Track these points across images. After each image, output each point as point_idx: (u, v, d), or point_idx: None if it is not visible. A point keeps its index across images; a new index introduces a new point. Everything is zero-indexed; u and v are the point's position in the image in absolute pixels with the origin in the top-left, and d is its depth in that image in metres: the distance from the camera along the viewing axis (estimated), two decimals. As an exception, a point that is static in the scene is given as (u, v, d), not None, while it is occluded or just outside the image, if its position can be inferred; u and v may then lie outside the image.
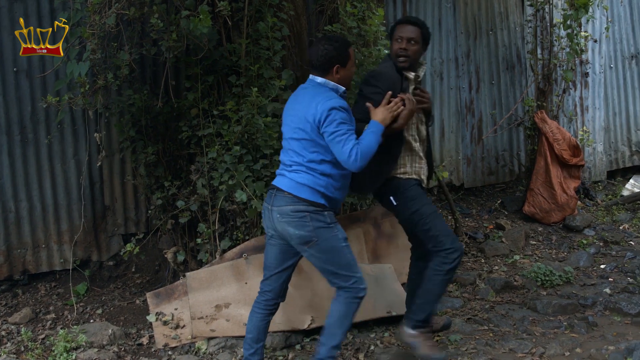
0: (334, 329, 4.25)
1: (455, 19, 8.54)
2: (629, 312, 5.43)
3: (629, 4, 9.91)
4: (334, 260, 4.17)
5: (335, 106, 4.03)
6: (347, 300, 4.22)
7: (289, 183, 4.13)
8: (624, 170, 9.99)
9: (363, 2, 5.94)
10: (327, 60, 4.15)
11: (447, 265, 4.45)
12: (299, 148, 4.15)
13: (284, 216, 4.10)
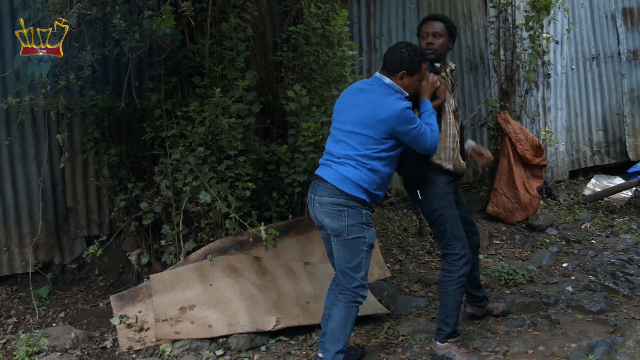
0: (336, 334, 4.37)
1: (419, 20, 8.57)
2: (591, 309, 5.49)
3: (590, 6, 10.04)
4: (349, 259, 4.32)
5: (407, 106, 4.24)
6: (347, 305, 4.37)
7: (334, 175, 4.29)
8: (585, 170, 10.12)
9: (327, 3, 5.94)
10: (398, 63, 4.31)
11: (455, 273, 4.65)
12: (355, 142, 4.28)
13: (323, 206, 4.30)
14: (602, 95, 10.17)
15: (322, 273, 5.58)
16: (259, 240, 5.18)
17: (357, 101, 4.37)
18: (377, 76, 4.42)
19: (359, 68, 7.99)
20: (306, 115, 5.44)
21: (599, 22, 10.14)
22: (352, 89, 4.54)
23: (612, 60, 10.26)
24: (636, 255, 6.98)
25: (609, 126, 10.23)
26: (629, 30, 10.36)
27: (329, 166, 4.36)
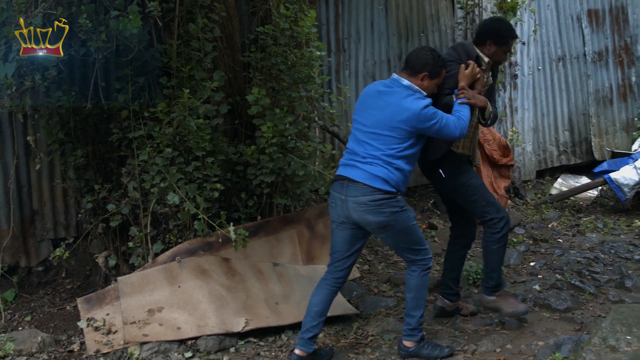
0: (418, 300, 4.67)
1: (388, 20, 8.61)
2: (558, 307, 5.55)
3: (556, 7, 10.15)
4: (408, 238, 4.57)
5: (426, 104, 4.43)
6: (421, 273, 4.64)
7: (363, 174, 4.43)
8: (552, 170, 10.23)
9: (295, 4, 5.94)
10: (422, 65, 4.52)
11: (497, 234, 4.98)
12: (379, 143, 4.45)
13: (362, 205, 4.42)
14: (568, 95, 10.29)
15: (291, 274, 5.58)
16: (227, 242, 5.16)
17: (377, 103, 4.53)
18: (395, 77, 4.60)
19: (327, 69, 7.99)
20: (273, 116, 5.43)
21: (565, 23, 10.26)
22: (371, 91, 4.67)
23: (577, 61, 10.39)
24: (602, 254, 7.07)
25: (575, 126, 10.35)
26: (594, 31, 10.49)
27: (354, 167, 4.50)
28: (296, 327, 5.20)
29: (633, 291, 5.91)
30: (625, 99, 10.71)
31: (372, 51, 8.49)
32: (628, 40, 10.73)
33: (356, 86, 8.41)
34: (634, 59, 10.77)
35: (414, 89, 4.51)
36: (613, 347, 3.82)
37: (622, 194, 8.65)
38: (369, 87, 4.73)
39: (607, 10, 10.59)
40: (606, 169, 9.07)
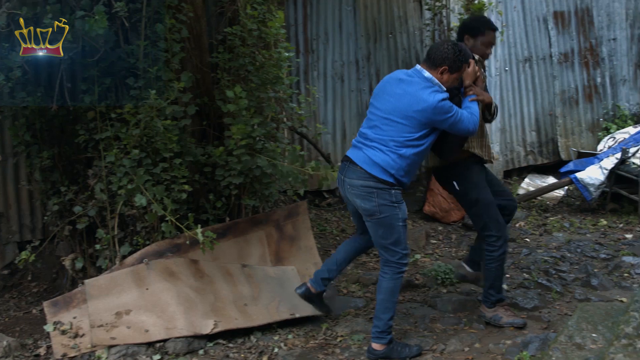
0: (387, 303, 4.71)
1: (356, 22, 8.64)
2: (525, 306, 5.60)
3: (522, 9, 10.24)
4: (389, 235, 4.61)
5: (443, 98, 4.50)
6: (393, 276, 4.69)
7: (363, 158, 4.57)
8: (519, 170, 10.32)
9: (263, 5, 5.92)
10: (442, 58, 4.57)
11: (494, 253, 5.08)
12: (390, 129, 4.54)
13: (353, 188, 4.59)
14: (534, 96, 10.38)
15: (259, 275, 5.56)
16: (196, 243, 5.13)
17: (396, 90, 4.61)
18: (417, 69, 4.67)
19: (295, 70, 8.01)
20: (242, 117, 5.41)
21: (532, 25, 10.35)
22: (392, 78, 4.75)
23: (544, 62, 10.49)
24: (568, 253, 7.15)
25: (542, 127, 10.45)
26: (560, 33, 10.60)
27: (360, 149, 4.63)
28: (265, 328, 5.21)
29: (599, 289, 5.99)
30: (590, 99, 10.83)
31: (341, 52, 8.51)
32: (593, 41, 10.86)
33: (324, 87, 8.43)
34: (599, 60, 10.91)
35: (434, 82, 4.59)
36: (579, 345, 3.86)
37: (588, 193, 8.75)
38: (391, 74, 4.84)
39: (572, 12, 10.70)
40: (572, 169, 9.17)
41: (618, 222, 8.42)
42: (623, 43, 11.01)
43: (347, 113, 8.63)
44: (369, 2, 8.73)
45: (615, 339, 3.40)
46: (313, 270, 6.02)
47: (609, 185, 8.77)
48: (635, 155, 8.61)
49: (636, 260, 6.69)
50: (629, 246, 7.33)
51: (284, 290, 5.54)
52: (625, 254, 7.00)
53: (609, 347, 3.37)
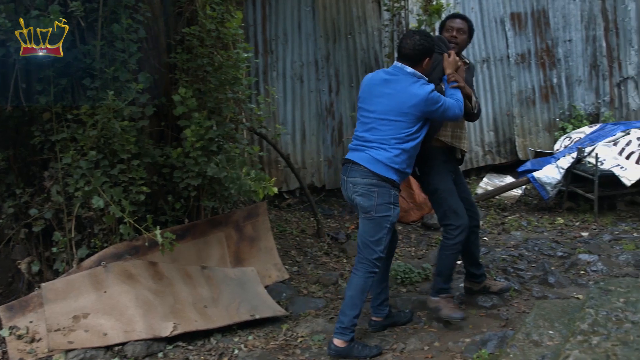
0: (355, 300, 4.76)
1: (315, 22, 8.65)
2: (484, 305, 5.65)
3: (480, 10, 10.35)
4: (373, 233, 4.74)
5: (432, 89, 4.68)
6: (365, 274, 4.77)
7: (366, 157, 4.69)
8: (478, 169, 10.42)
9: (222, 5, 5.89)
10: (421, 52, 4.73)
11: (450, 240, 5.17)
12: (389, 128, 4.68)
13: (356, 187, 4.72)
14: (492, 96, 10.49)
15: (219, 277, 5.54)
16: (154, 245, 5.09)
17: (385, 91, 4.75)
18: (398, 66, 4.81)
19: (254, 70, 7.99)
20: (195, 119, 5.36)
21: (489, 26, 10.46)
22: (375, 80, 4.87)
23: (501, 63, 10.60)
24: (526, 251, 7.23)
25: (500, 127, 10.56)
26: (517, 34, 10.72)
27: (362, 151, 4.74)
28: (225, 330, 5.19)
29: (556, 287, 6.07)
30: (547, 99, 10.97)
31: (300, 53, 8.51)
32: (549, 42, 11.00)
33: (284, 87, 8.43)
34: (555, 61, 11.05)
35: (418, 76, 4.75)
36: (536, 342, 3.90)
37: (545, 192, 8.87)
38: (373, 76, 4.94)
39: (529, 13, 10.83)
40: (530, 169, 9.28)
41: (574, 221, 8.54)
42: (578, 44, 11.17)
43: (306, 113, 8.63)
44: (327, 3, 8.75)
45: (571, 336, 3.44)
46: (273, 272, 6.03)
47: (565, 184, 8.89)
48: (590, 154, 8.74)
49: (592, 257, 6.79)
50: (585, 244, 7.44)
51: (244, 291, 5.52)
52: (581, 251, 7.10)
53: (565, 343, 3.41)
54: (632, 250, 7.01)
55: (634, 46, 11.41)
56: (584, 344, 3.28)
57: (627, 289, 4.01)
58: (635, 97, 11.45)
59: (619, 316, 3.58)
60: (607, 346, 3.23)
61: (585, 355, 3.16)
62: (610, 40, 11.35)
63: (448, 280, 5.31)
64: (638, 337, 3.27)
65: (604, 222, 8.42)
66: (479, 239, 5.67)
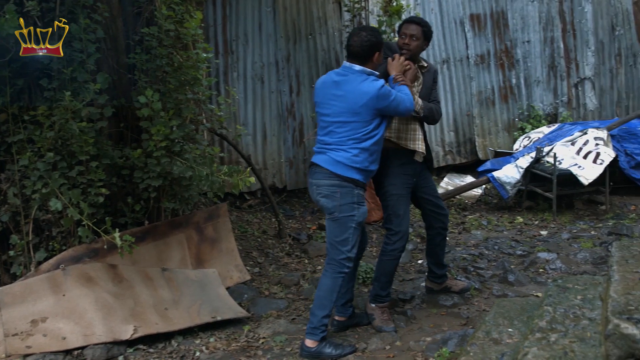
0: (323, 300, 4.78)
1: (275, 23, 8.64)
2: (445, 304, 5.69)
3: (440, 11, 10.43)
4: (338, 233, 4.75)
5: (382, 84, 4.68)
6: (334, 275, 4.78)
7: (327, 159, 4.72)
8: (438, 169, 10.49)
9: (181, 5, 5.85)
10: (370, 48, 4.71)
11: (388, 246, 5.22)
12: (346, 130, 4.69)
13: (320, 188, 4.74)
14: (452, 97, 10.58)
15: (180, 279, 5.50)
16: (114, 248, 5.03)
17: (337, 93, 4.74)
18: (347, 65, 4.79)
19: (214, 71, 7.96)
20: (160, 119, 5.33)
21: (449, 27, 10.54)
22: (326, 83, 4.87)
23: (461, 63, 10.69)
24: (486, 250, 7.30)
25: (460, 127, 10.65)
26: (477, 35, 10.82)
27: (323, 153, 4.77)
28: (186, 332, 5.15)
29: (515, 285, 6.13)
30: (506, 100, 11.09)
31: (260, 53, 8.50)
32: (508, 43, 11.12)
33: (244, 88, 8.40)
34: (514, 61, 11.17)
35: (367, 72, 4.74)
36: (496, 340, 3.94)
37: (504, 191, 8.96)
38: (324, 79, 4.93)
39: (488, 14, 10.94)
40: (489, 168, 9.38)
41: (534, 220, 8.65)
42: (537, 45, 11.31)
43: (267, 114, 8.61)
44: (288, 4, 8.74)
45: (530, 333, 3.47)
46: (235, 273, 6.01)
47: (524, 184, 9.00)
48: (549, 154, 8.85)
49: (551, 256, 6.88)
50: (544, 242, 7.53)
51: (205, 293, 5.49)
52: (540, 250, 7.20)
53: (524, 341, 3.44)
54: (589, 248, 7.12)
55: (591, 47, 11.60)
56: (542, 341, 3.32)
57: (585, 287, 4.06)
58: (592, 98, 11.63)
59: (577, 313, 3.63)
60: (565, 343, 3.27)
61: (543, 352, 3.19)
62: (567, 41, 11.52)
63: (386, 286, 5.32)
64: (595, 334, 3.32)
65: (562, 221, 8.53)
66: (445, 241, 5.70)
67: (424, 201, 5.47)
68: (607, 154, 8.71)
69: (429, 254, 5.71)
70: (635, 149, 9.43)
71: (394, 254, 5.22)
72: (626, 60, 12.10)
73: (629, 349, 2.83)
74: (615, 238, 7.49)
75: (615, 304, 3.10)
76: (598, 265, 6.61)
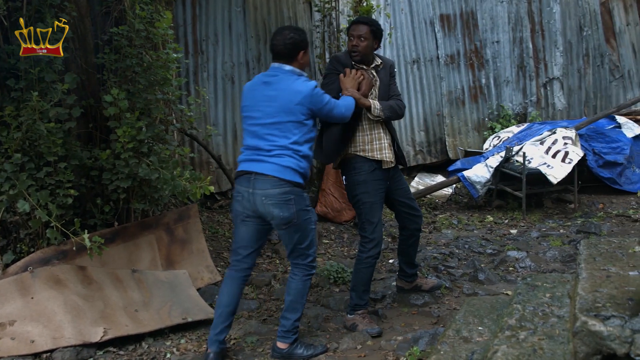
0: (295, 304, 4.73)
1: (246, 23, 8.61)
2: (416, 303, 5.72)
3: (410, 12, 10.46)
4: (302, 239, 4.64)
5: (315, 85, 4.60)
6: (303, 277, 4.74)
7: (272, 167, 4.49)
8: (409, 169, 10.51)
9: (151, 5, 5.81)
10: (294, 46, 4.62)
11: (363, 254, 5.22)
12: (283, 131, 4.53)
13: (270, 198, 4.48)
14: (423, 97, 10.62)
15: (150, 280, 5.47)
16: (83, 249, 4.99)
17: (268, 94, 4.60)
18: (275, 66, 4.68)
19: (184, 71, 7.91)
20: (126, 120, 5.29)
21: (419, 27, 10.59)
22: (256, 85, 4.72)
23: (431, 63, 10.74)
24: (457, 249, 7.34)
25: (430, 127, 10.69)
26: (447, 35, 10.87)
27: (263, 161, 4.53)
28: (157, 334, 5.12)
29: (485, 284, 6.18)
30: (476, 100, 11.16)
31: (231, 53, 8.47)
32: (478, 44, 11.19)
33: (215, 88, 8.37)
34: (484, 62, 11.25)
35: (297, 72, 4.65)
36: (466, 338, 3.96)
37: (474, 191, 9.02)
38: (253, 82, 4.80)
39: (458, 15, 11.00)
40: (460, 168, 9.44)
41: (503, 218, 8.72)
42: (506, 45, 11.40)
43: (237, 114, 8.57)
44: (258, 3, 8.73)
45: (499, 331, 3.49)
46: (206, 274, 5.99)
47: (494, 183, 9.07)
48: (518, 153, 8.93)
49: (520, 254, 6.94)
50: (514, 241, 7.60)
51: (175, 294, 5.46)
52: (510, 248, 7.26)
53: (493, 339, 3.47)
54: (558, 247, 7.19)
55: (559, 47, 11.72)
56: (511, 338, 3.34)
57: (553, 284, 4.10)
58: (561, 97, 11.75)
59: (545, 311, 3.65)
60: (534, 340, 3.29)
61: (513, 350, 3.21)
62: (536, 41, 11.63)
63: (363, 295, 5.29)
64: (563, 331, 3.34)
65: (531, 220, 8.61)
66: (418, 242, 5.72)
67: (397, 203, 5.46)
68: (576, 153, 8.80)
69: (401, 253, 5.71)
70: (603, 148, 9.56)
71: (369, 261, 5.21)
72: (594, 60, 12.25)
73: (597, 345, 2.86)
74: (583, 236, 7.58)
75: (583, 301, 3.13)
76: (567, 263, 6.68)
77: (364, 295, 5.28)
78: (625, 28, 12.61)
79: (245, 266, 4.78)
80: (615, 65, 12.52)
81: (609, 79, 12.47)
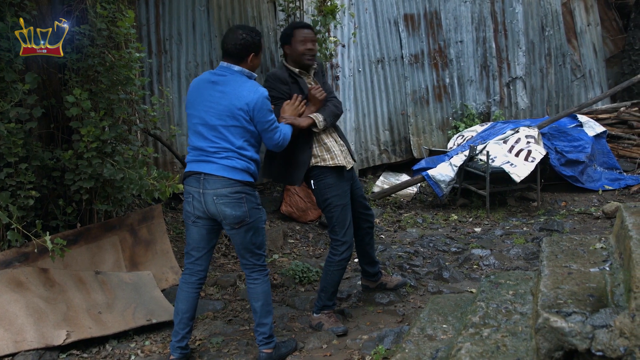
0: (267, 307, 4.69)
1: (210, 22, 8.57)
2: (381, 301, 5.74)
3: (374, 11, 10.48)
4: (254, 239, 4.57)
5: (265, 95, 4.46)
6: (264, 279, 4.69)
7: (220, 168, 4.40)
8: (374, 168, 10.55)
9: (113, 4, 5.75)
10: (245, 48, 4.48)
11: (335, 257, 5.19)
12: (227, 135, 4.41)
13: (222, 197, 4.40)
14: (387, 96, 10.65)
15: (114, 282, 5.42)
16: (45, 251, 4.94)
17: (214, 95, 4.47)
18: (224, 65, 4.54)
19: (148, 70, 7.85)
20: (90, 119, 5.23)
21: (383, 27, 10.61)
22: (201, 83, 4.58)
23: (395, 63, 10.77)
24: (422, 248, 7.38)
25: (395, 126, 10.73)
26: (411, 35, 10.91)
27: (211, 162, 4.43)
28: (121, 336, 5.08)
29: (450, 282, 6.23)
30: (440, 99, 11.22)
31: (195, 53, 8.42)
32: (442, 43, 11.25)
33: (179, 88, 8.32)
34: (448, 61, 11.31)
35: (246, 74, 4.52)
36: (430, 336, 3.98)
37: (439, 189, 9.08)
38: (199, 80, 4.64)
39: (422, 15, 11.05)
40: (424, 167, 9.49)
41: (468, 217, 8.79)
42: (469, 45, 11.48)
43: (202, 114, 8.53)
44: (222, 3, 8.68)
45: (463, 329, 3.52)
46: (170, 275, 5.95)
47: (458, 182, 9.14)
48: (482, 152, 9.00)
49: (484, 252, 7.01)
50: (478, 239, 7.66)
51: (139, 296, 5.42)
52: (474, 246, 7.32)
53: (457, 336, 3.49)
54: (522, 244, 7.27)
55: (522, 47, 11.84)
56: (475, 336, 3.37)
57: (516, 282, 4.14)
58: (524, 97, 11.87)
59: (509, 308, 3.69)
60: (498, 337, 3.32)
61: (476, 347, 3.24)
62: (499, 41, 11.73)
63: (332, 297, 5.31)
64: (526, 328, 3.38)
65: (495, 218, 8.69)
66: (373, 239, 5.73)
67: (355, 203, 5.43)
68: (538, 151, 8.90)
69: (360, 254, 5.72)
70: (565, 146, 9.68)
71: (341, 264, 5.20)
72: (556, 60, 12.40)
73: (558, 341, 2.89)
74: (546, 234, 7.67)
75: (545, 298, 3.16)
76: (530, 260, 6.75)
77: (333, 296, 5.29)
78: (586, 28, 12.79)
79: (199, 268, 4.71)
80: (576, 64, 12.69)
81: (570, 79, 12.65)
